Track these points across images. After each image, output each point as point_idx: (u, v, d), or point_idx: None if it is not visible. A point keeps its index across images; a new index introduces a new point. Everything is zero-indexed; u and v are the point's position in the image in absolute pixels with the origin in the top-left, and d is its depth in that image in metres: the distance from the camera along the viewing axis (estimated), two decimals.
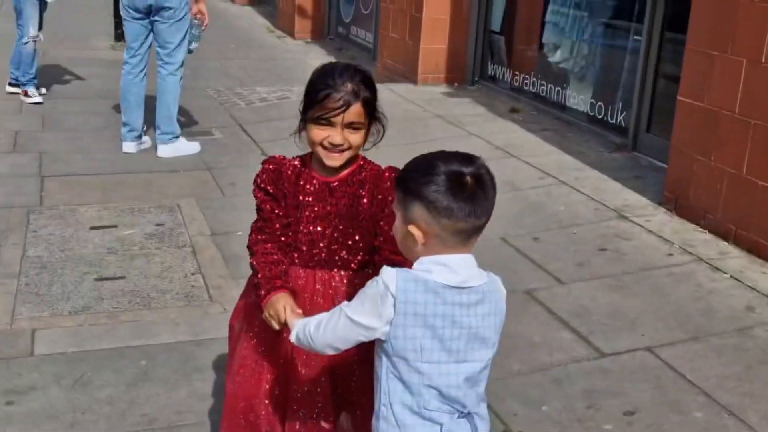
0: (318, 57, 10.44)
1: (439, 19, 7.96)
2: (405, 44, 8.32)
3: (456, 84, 8.09)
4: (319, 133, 2.12)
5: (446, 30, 7.99)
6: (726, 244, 4.33)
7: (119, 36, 10.65)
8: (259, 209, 2.27)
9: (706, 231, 4.47)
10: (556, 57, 7.01)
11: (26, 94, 7.57)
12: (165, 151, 6.20)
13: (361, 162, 2.23)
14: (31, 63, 7.61)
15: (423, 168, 1.79)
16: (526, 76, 7.38)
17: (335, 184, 2.20)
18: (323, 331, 1.86)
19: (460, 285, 1.78)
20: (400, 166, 1.91)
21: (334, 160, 2.15)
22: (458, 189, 1.74)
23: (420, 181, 1.76)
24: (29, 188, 5.38)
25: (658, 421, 2.96)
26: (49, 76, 8.38)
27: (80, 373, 3.30)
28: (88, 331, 3.65)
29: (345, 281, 2.23)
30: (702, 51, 4.50)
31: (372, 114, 2.15)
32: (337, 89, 2.08)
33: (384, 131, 2.20)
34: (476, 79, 8.09)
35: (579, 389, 3.17)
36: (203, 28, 6.37)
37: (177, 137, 6.25)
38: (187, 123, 6.91)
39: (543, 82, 7.14)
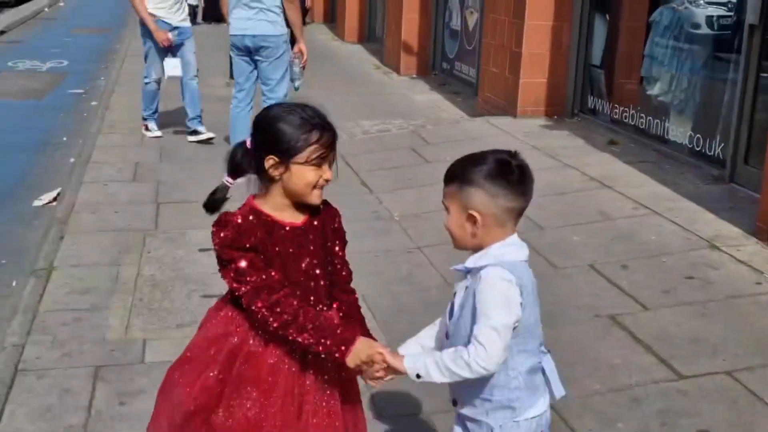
0: (422, 92, 10.74)
1: (539, 54, 8.11)
2: (505, 78, 8.49)
3: (555, 117, 8.20)
4: (314, 173, 2.15)
5: (546, 64, 8.13)
6: None
7: (233, 74, 11.24)
8: (241, 271, 2.15)
9: None
10: (655, 90, 7.05)
11: (147, 129, 8.09)
12: None
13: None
14: (152, 100, 8.13)
15: (475, 159, 2.07)
16: (625, 109, 7.44)
17: (304, 227, 2.24)
18: (480, 358, 1.96)
19: (527, 258, 2.10)
20: None
21: (320, 197, 2.21)
22: (509, 172, 2.03)
23: (476, 169, 2.03)
24: (146, 214, 5.78)
25: None
26: (169, 112, 8.91)
27: None
28: None
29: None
30: None
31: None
32: (326, 127, 2.18)
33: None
34: (576, 111, 8.18)
35: (655, 409, 3.25)
36: (302, 66, 6.75)
37: None
38: None
39: (642, 114, 7.18)
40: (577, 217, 5.41)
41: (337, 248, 2.32)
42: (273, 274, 2.17)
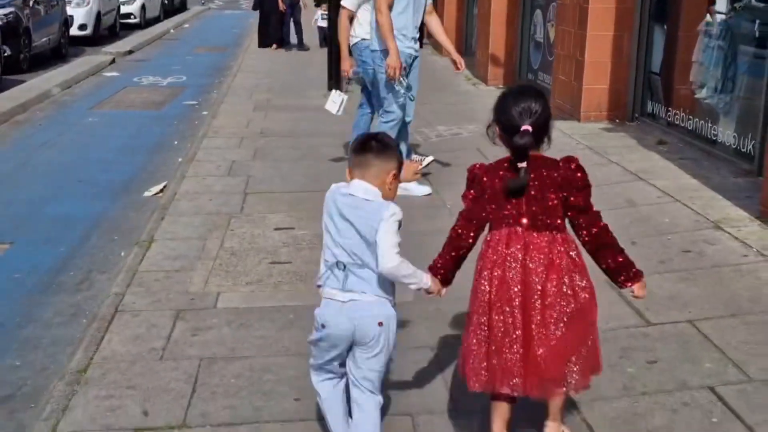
0: None
1: (601, 62, 8.72)
2: (571, 85, 9.13)
3: (617, 120, 8.79)
4: None
5: (607, 71, 8.74)
6: None
7: (330, 86, 12.26)
8: None
9: None
10: (702, 93, 7.57)
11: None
12: None
13: None
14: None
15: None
16: (677, 112, 7.98)
17: None
18: None
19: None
20: None
21: None
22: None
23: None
24: (234, 201, 6.73)
25: (671, 368, 3.67)
26: (270, 119, 9.92)
27: (245, 319, 4.47)
28: (257, 295, 4.84)
29: None
30: None
31: None
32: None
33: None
34: (636, 116, 8.74)
35: (618, 346, 3.93)
36: (392, 80, 6.59)
37: None
38: None
39: (690, 117, 7.72)
40: (606, 204, 5.98)
41: None
42: None
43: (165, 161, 8.66)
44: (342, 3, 6.99)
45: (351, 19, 6.88)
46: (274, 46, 17.89)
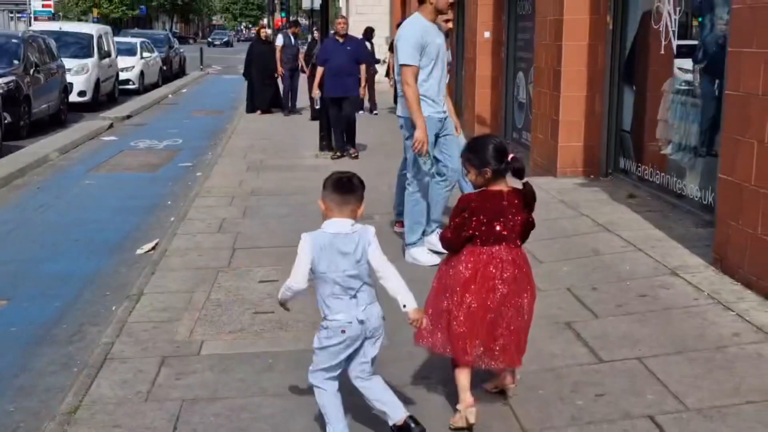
0: None
1: (575, 121, 9.16)
2: (548, 143, 9.54)
3: (591, 176, 9.18)
4: None
5: (581, 130, 9.16)
6: (749, 292, 5.17)
7: (323, 147, 12.74)
8: None
9: (739, 283, 5.32)
10: (667, 150, 7.96)
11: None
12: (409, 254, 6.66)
13: None
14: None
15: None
16: (647, 168, 8.36)
17: None
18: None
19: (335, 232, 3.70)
20: None
21: None
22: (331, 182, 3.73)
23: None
24: (222, 256, 7.06)
25: (616, 400, 3.96)
26: (262, 179, 10.30)
27: (227, 365, 4.77)
28: (239, 343, 5.13)
29: None
30: (733, 137, 5.46)
31: None
32: None
33: None
34: (609, 171, 9.13)
35: (571, 381, 4.23)
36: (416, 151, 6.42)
37: (412, 244, 6.65)
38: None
39: (658, 171, 8.10)
40: (572, 254, 6.39)
41: None
42: None
43: (158, 220, 9.01)
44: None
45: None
46: (259, 112, 18.24)
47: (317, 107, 11.59)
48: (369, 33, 18.48)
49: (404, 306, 3.62)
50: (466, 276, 3.80)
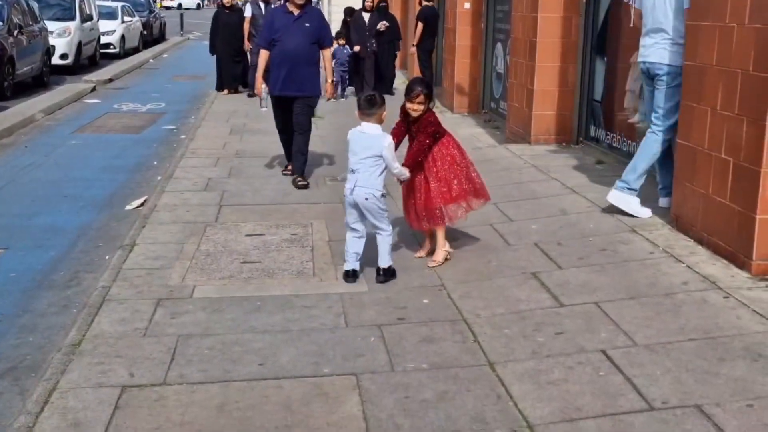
0: (467, 126, 12.20)
1: (549, 90, 9.55)
2: (523, 111, 9.94)
3: (563, 144, 9.58)
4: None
5: (555, 99, 9.56)
6: (700, 247, 5.61)
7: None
8: None
9: (691, 240, 5.76)
10: (634, 119, 8.38)
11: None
12: (613, 196, 6.64)
13: None
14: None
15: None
16: (615, 136, 8.78)
17: None
18: None
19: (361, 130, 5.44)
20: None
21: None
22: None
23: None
24: (210, 212, 7.41)
25: (573, 337, 4.39)
26: (245, 141, 10.61)
27: (218, 306, 5.15)
28: (229, 288, 5.51)
29: None
30: (690, 105, 5.87)
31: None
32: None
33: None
34: (581, 139, 9.55)
35: (533, 321, 4.66)
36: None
37: (633, 190, 6.55)
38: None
39: (626, 139, 8.52)
40: (541, 213, 6.81)
41: None
42: None
43: (145, 179, 9.34)
44: None
45: None
46: (226, 91, 16.32)
47: (263, 108, 9.27)
48: (385, 8, 16.07)
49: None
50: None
